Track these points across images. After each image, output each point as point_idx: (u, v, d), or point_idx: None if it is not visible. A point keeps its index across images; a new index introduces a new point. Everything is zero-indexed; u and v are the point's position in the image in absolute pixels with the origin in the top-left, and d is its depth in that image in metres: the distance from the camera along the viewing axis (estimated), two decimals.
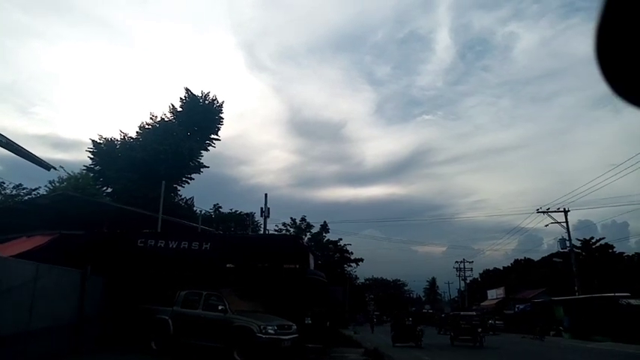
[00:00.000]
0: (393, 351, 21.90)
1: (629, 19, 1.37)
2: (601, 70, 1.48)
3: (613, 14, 1.38)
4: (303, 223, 67.47)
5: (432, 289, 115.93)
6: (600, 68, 1.48)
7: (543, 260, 68.49)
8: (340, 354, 19.29)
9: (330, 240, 68.93)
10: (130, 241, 16.58)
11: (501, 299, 61.71)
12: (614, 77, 1.50)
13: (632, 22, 1.36)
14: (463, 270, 76.15)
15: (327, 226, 67.54)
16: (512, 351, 25.01)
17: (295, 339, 14.49)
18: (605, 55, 1.44)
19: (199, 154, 32.84)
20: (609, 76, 1.49)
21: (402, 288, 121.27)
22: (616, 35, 1.41)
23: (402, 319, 27.08)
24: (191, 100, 33.32)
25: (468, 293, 79.47)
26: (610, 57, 1.45)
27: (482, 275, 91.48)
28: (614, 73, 1.49)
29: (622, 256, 55.86)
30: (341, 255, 70.96)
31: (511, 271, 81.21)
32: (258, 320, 13.84)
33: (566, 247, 43.02)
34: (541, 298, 49.05)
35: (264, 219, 33.84)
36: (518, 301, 53.75)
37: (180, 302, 15.21)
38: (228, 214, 52.92)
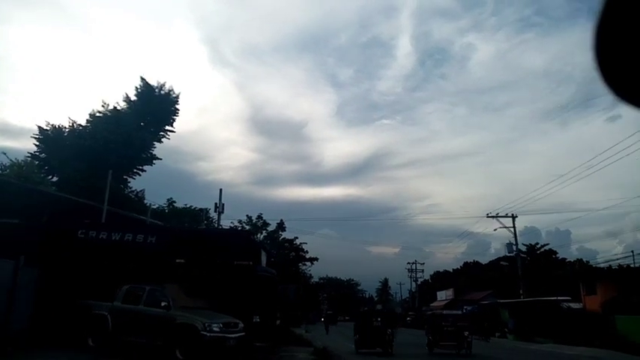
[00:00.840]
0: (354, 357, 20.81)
1: (629, 19, 1.35)
2: (600, 69, 1.47)
3: (612, 14, 1.37)
4: (259, 220, 66.79)
5: (385, 289, 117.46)
6: (599, 68, 1.46)
7: (491, 264, 70.59)
8: (289, 353, 19.02)
9: (286, 238, 68.64)
10: (70, 231, 15.70)
11: (450, 300, 63.09)
12: (612, 77, 1.49)
13: (632, 22, 1.35)
14: (415, 271, 77.49)
15: (284, 225, 67.19)
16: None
17: (242, 337, 14.09)
18: (604, 55, 1.43)
19: (152, 145, 31.73)
20: (608, 76, 1.48)
21: (355, 288, 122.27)
22: (615, 35, 1.40)
23: (368, 320, 21.87)
24: (146, 89, 32.15)
25: (418, 294, 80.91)
26: (608, 57, 1.44)
27: (432, 277, 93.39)
28: (613, 74, 1.48)
29: (564, 262, 58.27)
30: (296, 254, 70.77)
31: (460, 273, 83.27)
32: (203, 317, 13.37)
33: (513, 252, 44.40)
34: (488, 300, 50.45)
35: (218, 214, 33.17)
36: (466, 303, 55.03)
37: (122, 297, 14.52)
38: (182, 209, 51.66)
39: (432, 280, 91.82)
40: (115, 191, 25.91)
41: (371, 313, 24.26)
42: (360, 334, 21.61)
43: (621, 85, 1.50)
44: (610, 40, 1.42)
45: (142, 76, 32.43)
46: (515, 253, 44.22)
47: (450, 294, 65.46)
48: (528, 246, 58.33)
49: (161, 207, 49.32)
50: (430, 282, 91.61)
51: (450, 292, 65.99)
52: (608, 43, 1.42)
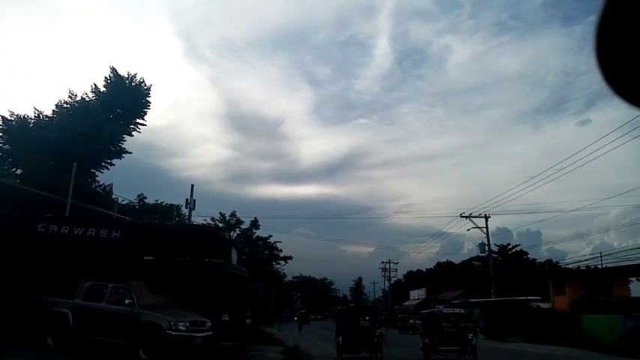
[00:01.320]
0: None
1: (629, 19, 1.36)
2: (600, 69, 1.46)
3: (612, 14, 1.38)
4: (232, 218, 66.10)
5: (358, 288, 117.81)
6: (599, 68, 1.46)
7: (464, 263, 71.48)
8: (259, 352, 18.69)
9: (260, 236, 68.09)
10: (30, 225, 14.98)
11: (422, 300, 63.62)
12: (613, 77, 1.48)
13: (632, 22, 1.36)
14: (388, 270, 77.84)
15: (258, 223, 66.62)
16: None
17: (209, 336, 13.68)
18: (605, 54, 1.44)
19: (122, 138, 30.77)
20: (608, 75, 1.48)
21: (329, 287, 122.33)
22: (615, 35, 1.40)
23: (353, 319, 19.00)
24: (116, 80, 31.17)
25: (391, 293, 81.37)
26: (609, 56, 1.45)
27: (406, 276, 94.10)
28: (613, 73, 1.48)
29: (535, 262, 59.39)
30: (270, 252, 70.27)
31: (433, 273, 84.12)
32: (169, 316, 12.90)
33: (485, 252, 44.91)
34: (460, 299, 50.98)
35: (189, 211, 32.48)
36: (438, 302, 55.49)
37: (83, 294, 13.93)
38: (154, 205, 50.58)
39: (406, 280, 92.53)
40: (81, 185, 25.06)
41: (356, 310, 21.43)
42: (345, 337, 18.60)
43: (622, 84, 1.49)
44: (610, 39, 1.41)
45: (111, 66, 31.45)
46: (488, 253, 44.73)
47: (422, 293, 66.00)
48: (500, 246, 59.23)
49: (131, 203, 48.22)
50: (403, 281, 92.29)
51: (422, 291, 66.54)
52: (609, 43, 1.42)
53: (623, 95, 1.51)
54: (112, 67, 31.09)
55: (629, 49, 1.40)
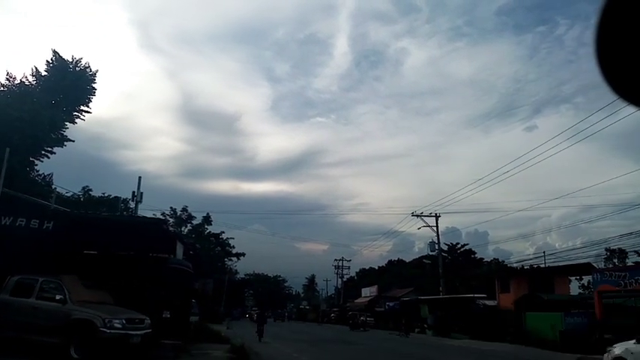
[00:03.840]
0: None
1: (629, 19, 1.37)
2: (600, 69, 1.46)
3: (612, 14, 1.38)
4: (184, 213, 64.56)
5: (311, 285, 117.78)
6: (600, 67, 1.46)
7: (414, 261, 72.73)
8: (203, 350, 18.03)
9: (213, 233, 66.80)
10: None
11: (374, 297, 64.17)
12: (613, 77, 1.48)
13: (632, 22, 1.36)
14: (341, 268, 78.17)
15: (210, 218, 65.34)
16: (376, 347, 25.52)
17: (148, 335, 12.98)
18: (605, 54, 1.44)
19: (64, 125, 29.10)
20: (609, 75, 1.48)
21: (282, 284, 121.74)
22: (616, 35, 1.40)
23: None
24: (59, 64, 29.41)
25: (343, 290, 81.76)
26: (610, 56, 1.45)
27: (358, 274, 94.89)
28: (614, 73, 1.47)
29: (482, 261, 61.12)
30: (222, 248, 69.10)
31: (385, 270, 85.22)
32: (103, 313, 12.12)
33: (435, 250, 45.71)
34: (410, 297, 51.71)
35: (136, 204, 31.22)
36: (388, 299, 56.17)
37: (10, 289, 12.90)
38: (100, 198, 48.62)
39: (358, 277, 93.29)
40: (16, 173, 23.49)
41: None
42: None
43: (622, 84, 1.49)
44: (611, 39, 1.41)
45: (54, 49, 29.67)
46: (437, 251, 45.54)
47: (373, 291, 66.59)
48: (449, 245, 60.58)
49: (76, 195, 46.13)
50: (356, 279, 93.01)
51: (373, 288, 67.13)
52: (609, 43, 1.42)
53: (623, 95, 1.51)
54: (54, 51, 29.34)
55: (629, 49, 1.40)
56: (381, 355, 21.11)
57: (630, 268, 29.28)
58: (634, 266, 30.90)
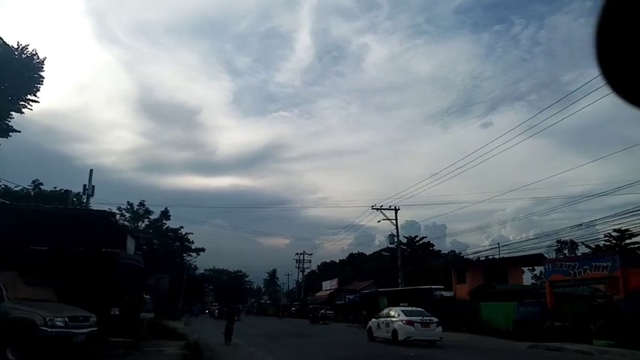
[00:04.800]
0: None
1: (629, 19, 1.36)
2: (600, 69, 1.46)
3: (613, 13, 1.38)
4: (141, 208, 62.69)
5: (272, 280, 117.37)
6: (600, 67, 1.46)
7: (375, 254, 73.47)
8: (156, 348, 17.45)
9: (171, 228, 65.23)
10: None
11: (334, 290, 64.44)
12: (613, 77, 1.49)
13: (632, 22, 1.36)
14: (302, 262, 78.15)
15: (169, 213, 63.74)
16: (334, 339, 25.50)
17: (94, 333, 12.37)
18: (605, 54, 1.44)
19: (8, 115, 27.60)
20: (609, 75, 1.48)
21: (243, 279, 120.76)
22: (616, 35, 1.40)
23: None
24: (3, 51, 27.83)
25: (305, 284, 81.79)
26: (610, 56, 1.45)
27: (319, 267, 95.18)
28: (614, 73, 1.48)
29: (439, 253, 62.37)
30: (181, 244, 67.59)
31: (346, 264, 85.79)
32: (44, 311, 11.43)
33: (394, 243, 46.19)
34: (370, 289, 52.15)
35: (87, 197, 29.99)
36: (349, 292, 56.48)
37: None
38: (51, 192, 46.64)
39: (319, 271, 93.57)
40: None
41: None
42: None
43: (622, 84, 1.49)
44: (610, 39, 1.41)
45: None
46: (397, 244, 46.04)
47: (334, 284, 66.89)
48: (409, 238, 61.51)
49: (26, 189, 44.12)
50: (317, 272, 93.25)
51: (334, 282, 67.43)
52: (609, 42, 1.42)
53: (623, 95, 1.50)
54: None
55: (629, 49, 1.39)
56: (338, 347, 21.05)
57: (579, 258, 30.40)
58: (583, 257, 32.14)
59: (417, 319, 21.80)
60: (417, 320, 21.62)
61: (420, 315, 22.54)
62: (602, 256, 27.04)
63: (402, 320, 21.80)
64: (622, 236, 40.94)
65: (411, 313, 22.62)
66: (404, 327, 21.45)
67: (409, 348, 19.63)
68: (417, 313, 22.79)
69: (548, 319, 25.33)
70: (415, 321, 21.54)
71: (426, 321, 21.79)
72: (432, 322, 21.81)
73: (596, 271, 24.87)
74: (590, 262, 25.95)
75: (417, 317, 22.02)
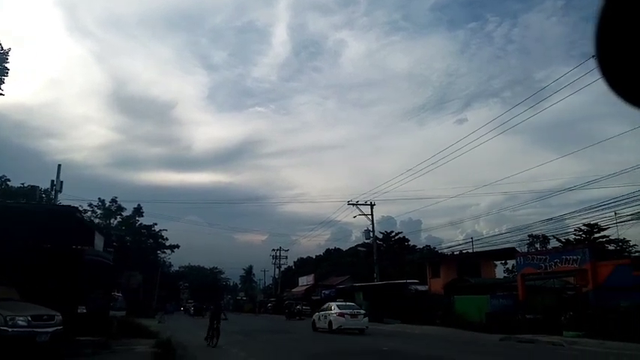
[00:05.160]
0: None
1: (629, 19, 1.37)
2: (600, 69, 1.48)
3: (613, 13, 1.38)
4: (113, 204, 61.39)
5: (249, 276, 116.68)
6: (600, 67, 1.48)
7: (351, 250, 73.71)
8: (127, 346, 17.06)
9: (144, 224, 64.11)
10: None
11: (310, 286, 64.44)
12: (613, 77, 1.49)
13: (632, 22, 1.37)
14: (279, 258, 77.91)
15: (141, 210, 62.60)
16: (310, 335, 25.42)
17: (59, 332, 11.97)
18: (605, 54, 1.46)
19: None
20: (608, 75, 1.49)
21: (219, 276, 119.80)
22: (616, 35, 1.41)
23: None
24: None
25: (281, 281, 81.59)
26: (609, 57, 1.46)
27: (296, 263, 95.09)
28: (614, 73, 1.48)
29: (414, 248, 62.92)
30: (155, 241, 66.51)
31: (323, 259, 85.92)
32: (5, 310, 11.01)
33: (370, 238, 46.36)
34: (346, 284, 52.27)
35: (55, 193, 29.15)
36: (325, 288, 56.52)
37: None
38: (18, 189, 45.31)
39: (296, 267, 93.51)
40: None
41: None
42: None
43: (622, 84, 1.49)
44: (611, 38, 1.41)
45: None
46: (372, 239, 46.21)
47: (310, 279, 66.89)
48: (384, 234, 61.89)
49: None
50: (294, 268, 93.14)
51: (310, 277, 67.44)
52: (609, 42, 1.42)
53: (623, 95, 1.50)
54: None
55: (629, 49, 1.40)
56: (314, 342, 20.97)
57: (550, 251, 30.99)
58: (553, 250, 32.76)
59: (347, 311, 26.24)
60: (347, 313, 26.06)
61: (350, 308, 26.94)
62: (572, 250, 27.63)
63: (336, 313, 26.17)
64: (591, 230, 41.94)
65: (344, 307, 27.01)
66: (337, 318, 25.88)
67: (384, 342, 19.71)
68: (349, 307, 27.22)
69: (520, 311, 25.75)
70: (346, 313, 26.00)
71: (355, 313, 26.25)
72: (359, 314, 26.30)
73: (567, 264, 25.40)
74: (560, 256, 26.49)
75: (347, 310, 26.45)
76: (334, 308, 27.04)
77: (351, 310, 26.57)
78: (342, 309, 26.62)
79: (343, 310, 26.47)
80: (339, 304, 27.76)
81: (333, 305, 27.78)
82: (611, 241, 42.77)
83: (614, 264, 24.99)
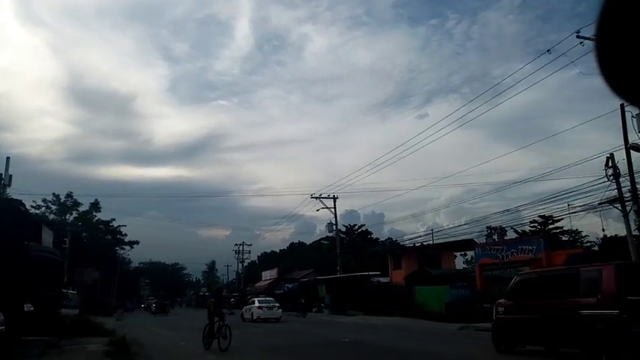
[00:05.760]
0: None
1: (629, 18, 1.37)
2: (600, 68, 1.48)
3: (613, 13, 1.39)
4: (69, 199, 59.31)
5: (211, 272, 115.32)
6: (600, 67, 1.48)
7: (314, 244, 73.81)
8: (78, 345, 16.40)
9: (102, 220, 62.26)
10: None
11: (273, 280, 64.18)
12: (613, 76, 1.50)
13: (632, 21, 1.37)
14: (241, 253, 77.23)
15: (99, 205, 60.76)
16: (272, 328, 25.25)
17: (2, 332, 11.32)
18: (605, 53, 1.47)
19: None
20: (608, 74, 1.49)
21: (181, 272, 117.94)
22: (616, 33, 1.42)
23: None
24: None
25: (245, 275, 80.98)
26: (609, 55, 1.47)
27: (260, 258, 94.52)
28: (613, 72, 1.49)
29: (377, 241, 63.51)
30: (113, 236, 64.74)
31: (287, 253, 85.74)
32: None
33: (333, 231, 46.44)
34: (309, 277, 52.28)
35: (3, 188, 27.71)
36: (288, 281, 56.38)
37: None
38: None
39: (259, 261, 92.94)
40: None
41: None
42: None
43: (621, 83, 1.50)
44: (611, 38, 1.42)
45: None
46: (335, 232, 46.31)
47: (274, 273, 66.56)
48: (347, 227, 62.20)
49: None
50: (257, 263, 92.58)
51: (274, 271, 67.11)
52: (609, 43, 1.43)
53: (623, 95, 1.53)
54: None
55: (629, 49, 1.40)
56: (276, 336, 20.79)
57: (507, 242, 31.84)
58: (510, 240, 33.68)
59: (265, 305, 32.59)
60: (265, 306, 32.39)
61: (267, 303, 33.31)
62: (527, 240, 28.44)
63: (256, 307, 32.44)
64: (546, 222, 43.41)
65: (263, 302, 33.54)
66: (257, 311, 31.89)
67: (345, 333, 19.78)
68: (266, 302, 33.61)
69: (478, 301, 26.31)
70: (264, 307, 32.28)
71: (271, 306, 32.47)
72: (274, 307, 32.37)
73: (523, 254, 26.12)
74: (516, 246, 27.22)
75: (265, 304, 32.73)
76: (256, 303, 33.24)
77: (267, 304, 32.83)
78: (261, 303, 33.03)
79: (262, 304, 32.85)
80: (259, 300, 34.48)
81: (256, 300, 34.12)
82: (565, 231, 44.45)
83: (567, 253, 25.86)
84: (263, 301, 33.72)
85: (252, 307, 32.96)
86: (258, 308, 32.10)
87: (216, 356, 13.78)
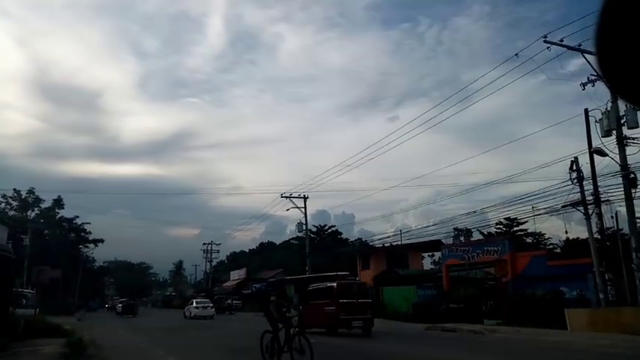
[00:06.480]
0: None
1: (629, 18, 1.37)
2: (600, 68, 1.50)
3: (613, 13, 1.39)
4: (30, 196, 57.30)
5: (179, 271, 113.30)
6: (600, 66, 1.49)
7: (284, 243, 73.45)
8: (32, 347, 15.68)
9: (65, 217, 60.39)
10: None
11: (242, 280, 63.57)
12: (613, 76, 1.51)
13: (632, 21, 1.37)
14: (210, 252, 76.17)
15: (62, 201, 58.90)
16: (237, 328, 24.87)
17: None
18: (605, 53, 1.47)
19: None
20: (608, 74, 1.51)
21: (147, 271, 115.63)
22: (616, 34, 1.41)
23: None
24: None
25: (213, 275, 79.96)
26: (610, 55, 1.46)
27: (229, 257, 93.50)
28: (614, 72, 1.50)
29: (347, 241, 63.62)
30: (77, 234, 62.85)
31: (256, 253, 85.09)
32: None
33: (303, 231, 46.20)
34: (278, 277, 51.88)
35: None
36: (256, 281, 55.89)
37: None
38: None
39: (228, 261, 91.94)
40: None
41: None
42: None
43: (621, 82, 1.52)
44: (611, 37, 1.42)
45: None
46: (305, 232, 46.08)
47: (242, 273, 65.91)
48: (318, 227, 62.15)
49: None
50: (226, 263, 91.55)
51: (242, 271, 66.45)
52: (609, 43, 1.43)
53: (623, 95, 1.54)
54: None
55: (629, 49, 1.40)
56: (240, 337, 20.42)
57: (473, 243, 32.27)
58: (476, 241, 34.15)
59: (200, 305, 39.35)
60: (200, 305, 39.15)
61: (203, 303, 40.11)
62: (493, 242, 28.85)
63: (194, 306, 39.28)
64: (511, 224, 44.22)
65: (199, 302, 40.38)
66: (194, 310, 38.58)
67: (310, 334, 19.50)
68: (202, 303, 40.47)
69: (445, 301, 26.54)
70: (200, 306, 39.03)
71: (205, 306, 39.41)
72: (208, 307, 39.43)
73: (488, 255, 26.47)
74: (482, 247, 27.57)
75: (201, 305, 39.44)
76: (194, 303, 40.20)
77: (203, 304, 39.70)
78: (198, 304, 39.80)
79: (199, 304, 39.66)
80: (197, 300, 41.46)
81: (194, 301, 41.06)
82: (529, 234, 45.37)
83: (531, 255, 26.37)
84: (200, 302, 40.67)
85: (190, 307, 39.60)
86: (195, 308, 38.76)
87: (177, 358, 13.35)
